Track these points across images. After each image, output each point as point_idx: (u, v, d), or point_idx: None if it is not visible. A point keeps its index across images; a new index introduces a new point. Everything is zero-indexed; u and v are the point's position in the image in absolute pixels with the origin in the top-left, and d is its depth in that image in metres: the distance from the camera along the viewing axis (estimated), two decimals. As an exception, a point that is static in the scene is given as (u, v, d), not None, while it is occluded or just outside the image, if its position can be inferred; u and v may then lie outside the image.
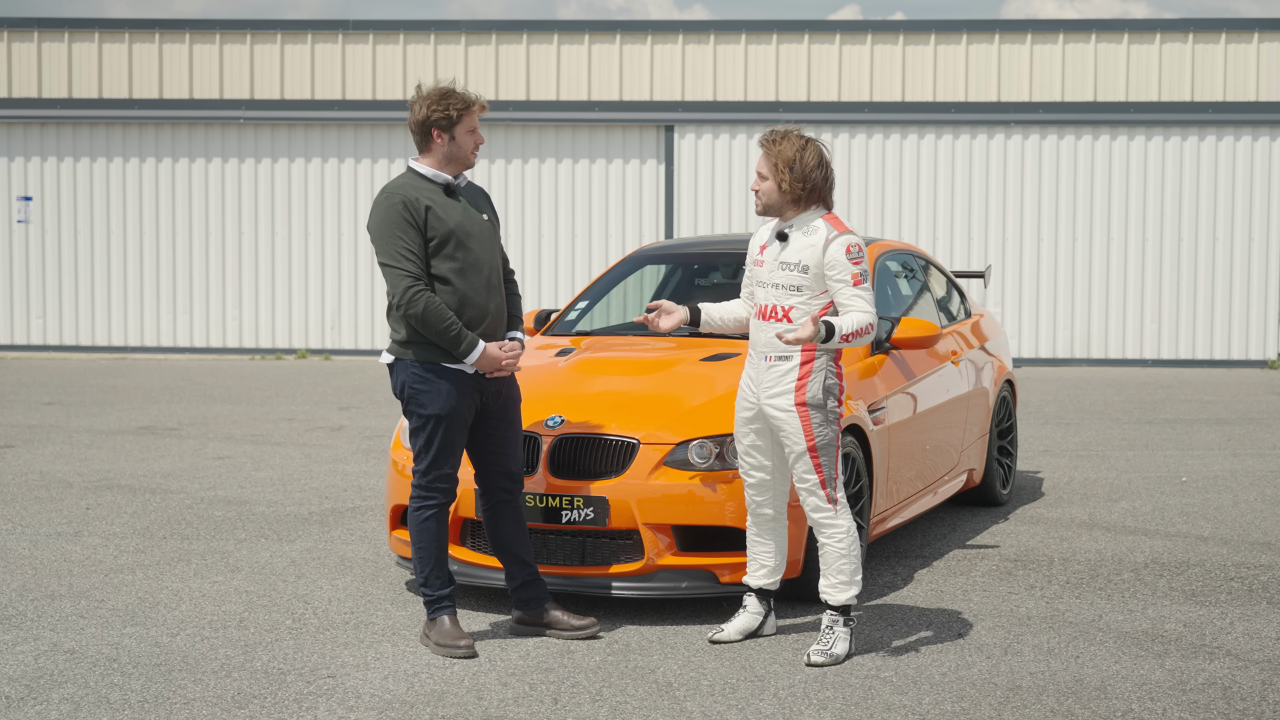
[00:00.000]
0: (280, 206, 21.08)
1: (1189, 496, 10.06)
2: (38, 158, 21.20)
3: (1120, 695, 5.88)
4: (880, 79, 20.50)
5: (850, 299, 6.35)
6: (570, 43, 20.75)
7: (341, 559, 8.21)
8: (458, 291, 6.43)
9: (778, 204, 6.48)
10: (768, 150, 6.46)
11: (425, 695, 5.88)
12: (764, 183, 6.48)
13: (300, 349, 21.09)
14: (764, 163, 6.48)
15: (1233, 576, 7.80)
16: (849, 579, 6.43)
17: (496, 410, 6.61)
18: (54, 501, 9.85)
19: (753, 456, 6.60)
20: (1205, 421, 14.11)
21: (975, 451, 9.37)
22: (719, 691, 5.93)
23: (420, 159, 6.56)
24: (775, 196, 6.47)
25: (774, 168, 6.43)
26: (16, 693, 5.90)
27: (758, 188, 6.50)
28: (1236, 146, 20.21)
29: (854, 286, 6.34)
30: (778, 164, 6.41)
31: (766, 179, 6.47)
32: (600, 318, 9.08)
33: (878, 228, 20.44)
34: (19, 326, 21.27)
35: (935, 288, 9.69)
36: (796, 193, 6.42)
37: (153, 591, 7.48)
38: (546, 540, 7.01)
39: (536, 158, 20.89)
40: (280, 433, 13.21)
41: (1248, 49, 20.17)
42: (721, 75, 20.63)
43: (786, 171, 6.40)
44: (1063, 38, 20.35)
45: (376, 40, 20.87)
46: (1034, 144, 20.42)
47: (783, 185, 6.42)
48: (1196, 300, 20.31)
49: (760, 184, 6.49)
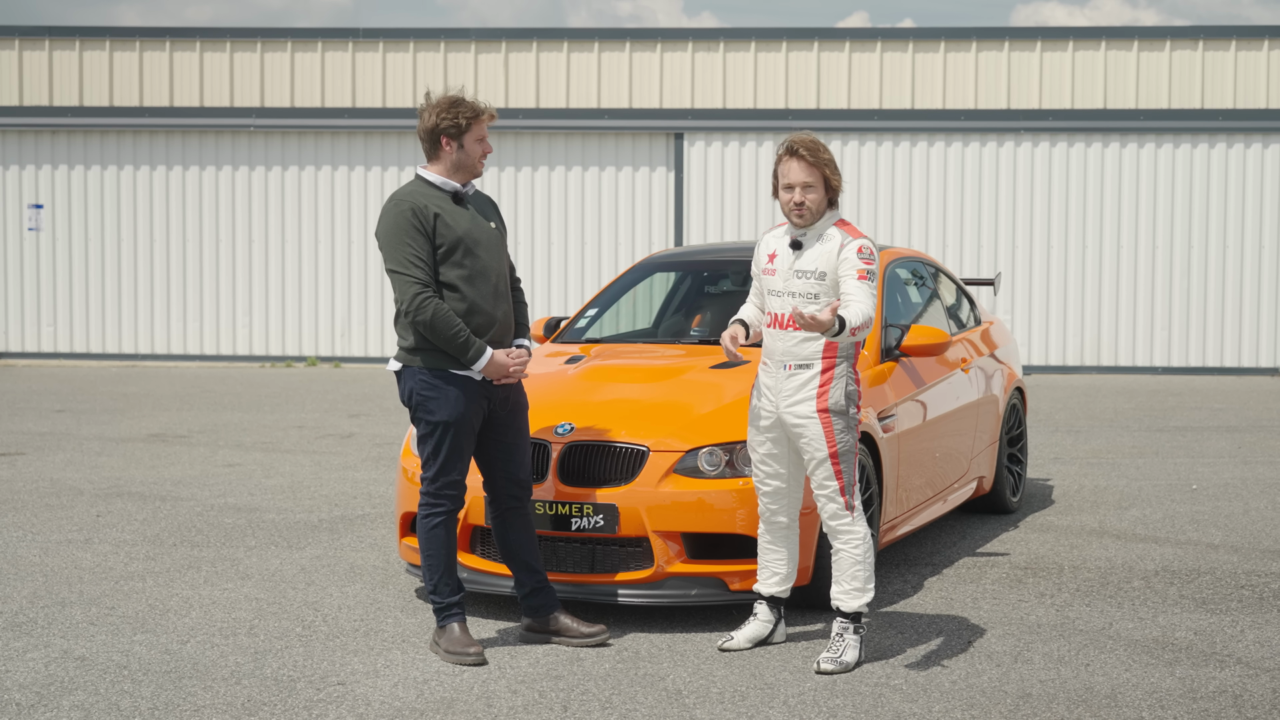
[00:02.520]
0: (290, 214, 21.12)
1: (1199, 504, 10.04)
2: (49, 166, 21.25)
3: (1131, 703, 5.87)
4: (890, 86, 20.50)
5: (854, 288, 6.30)
6: (580, 51, 20.77)
7: (351, 566, 8.21)
8: (466, 299, 6.44)
9: (820, 211, 6.44)
10: (812, 159, 6.35)
11: (435, 703, 5.88)
12: (811, 193, 6.39)
13: (310, 356, 21.12)
14: (807, 172, 6.37)
15: (1243, 584, 7.78)
16: (862, 586, 6.42)
17: (504, 417, 6.62)
18: (64, 509, 9.87)
19: (769, 465, 6.58)
20: (1216, 429, 14.09)
21: (985, 459, 9.35)
22: (728, 699, 5.93)
23: (429, 167, 6.57)
24: (824, 204, 6.43)
25: (822, 175, 6.37)
26: (27, 699, 5.91)
27: (805, 199, 6.39)
28: (1247, 154, 20.19)
29: (858, 280, 6.31)
30: (827, 169, 6.37)
31: (813, 189, 6.39)
32: (610, 325, 9.08)
33: (887, 235, 20.43)
34: (30, 334, 21.32)
35: (945, 295, 9.69)
36: (838, 192, 6.43)
37: (163, 599, 7.49)
38: (556, 547, 7.01)
39: (546, 165, 20.91)
40: (290, 440, 13.22)
41: (1258, 56, 20.16)
42: (731, 83, 20.65)
43: (834, 173, 6.39)
44: (1072, 45, 20.34)
45: (387, 48, 20.90)
46: (1043, 151, 20.40)
47: (832, 183, 6.40)
48: (1207, 308, 20.28)
49: (806, 194, 6.39)
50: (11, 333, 21.33)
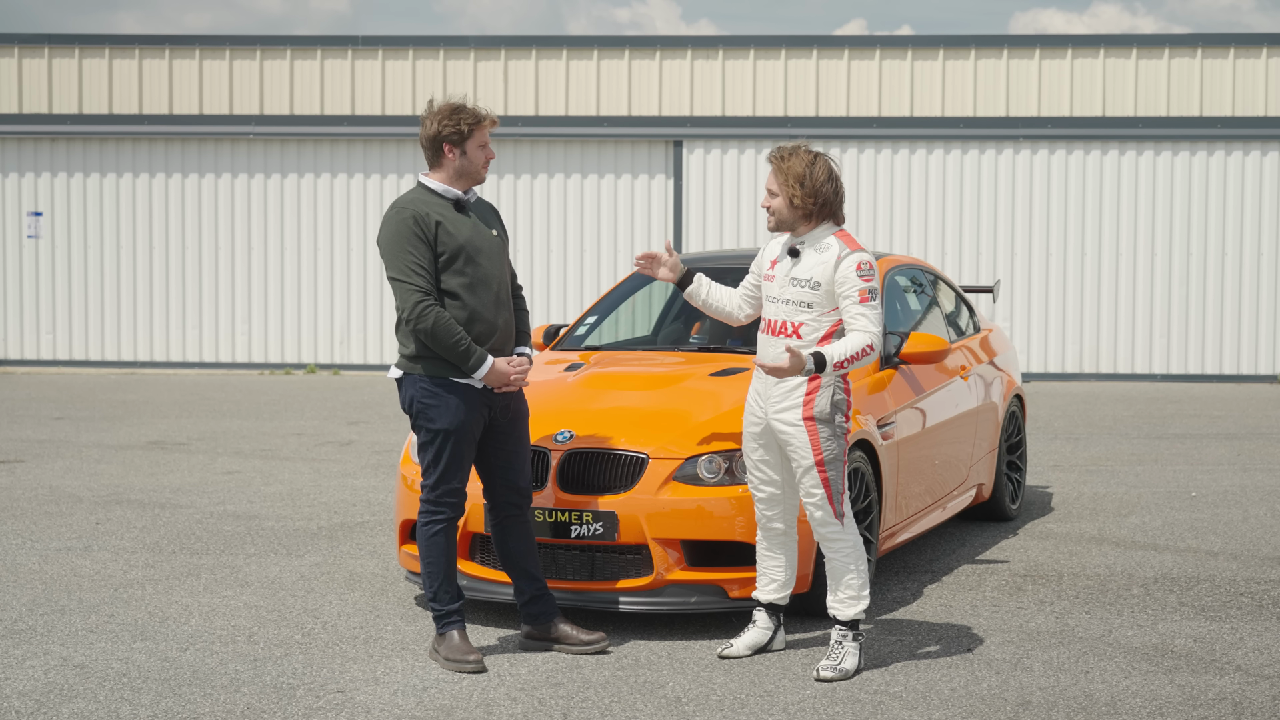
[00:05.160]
0: (289, 221, 21.12)
1: (1198, 511, 10.04)
2: (48, 173, 21.26)
3: (1130, 711, 5.87)
4: (889, 94, 20.52)
5: (855, 317, 6.35)
6: (579, 58, 20.79)
7: (351, 574, 8.21)
8: (467, 306, 6.44)
9: (789, 220, 6.49)
10: (777, 167, 6.47)
11: (434, 710, 5.88)
12: (774, 199, 6.49)
13: (309, 364, 21.12)
14: (774, 179, 6.48)
15: (1243, 591, 7.79)
16: (857, 594, 6.43)
17: (505, 425, 6.62)
18: (64, 516, 9.87)
19: (761, 471, 6.60)
20: (1214, 436, 14.09)
21: (984, 466, 9.36)
22: (728, 707, 5.93)
23: (431, 174, 6.57)
24: (787, 213, 6.47)
25: (784, 184, 6.43)
26: (27, 707, 5.90)
27: (769, 204, 6.50)
28: (1245, 161, 20.21)
29: (860, 304, 6.33)
30: (788, 180, 6.42)
31: (777, 195, 6.48)
32: (609, 333, 9.08)
33: (886, 242, 20.44)
34: (29, 341, 21.31)
35: (944, 302, 9.69)
36: (808, 208, 6.43)
37: (162, 606, 7.48)
38: (555, 555, 7.01)
39: (545, 173, 20.92)
40: (289, 448, 13.22)
41: (1256, 64, 20.18)
42: (730, 90, 20.66)
43: (797, 187, 6.41)
44: (1071, 53, 20.36)
45: (386, 56, 20.92)
46: (1042, 159, 20.42)
47: (794, 201, 6.43)
48: (1205, 315, 20.29)
49: (771, 201, 6.49)
50: (10, 340, 21.33)
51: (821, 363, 6.27)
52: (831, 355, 6.27)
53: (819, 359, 6.27)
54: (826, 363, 6.27)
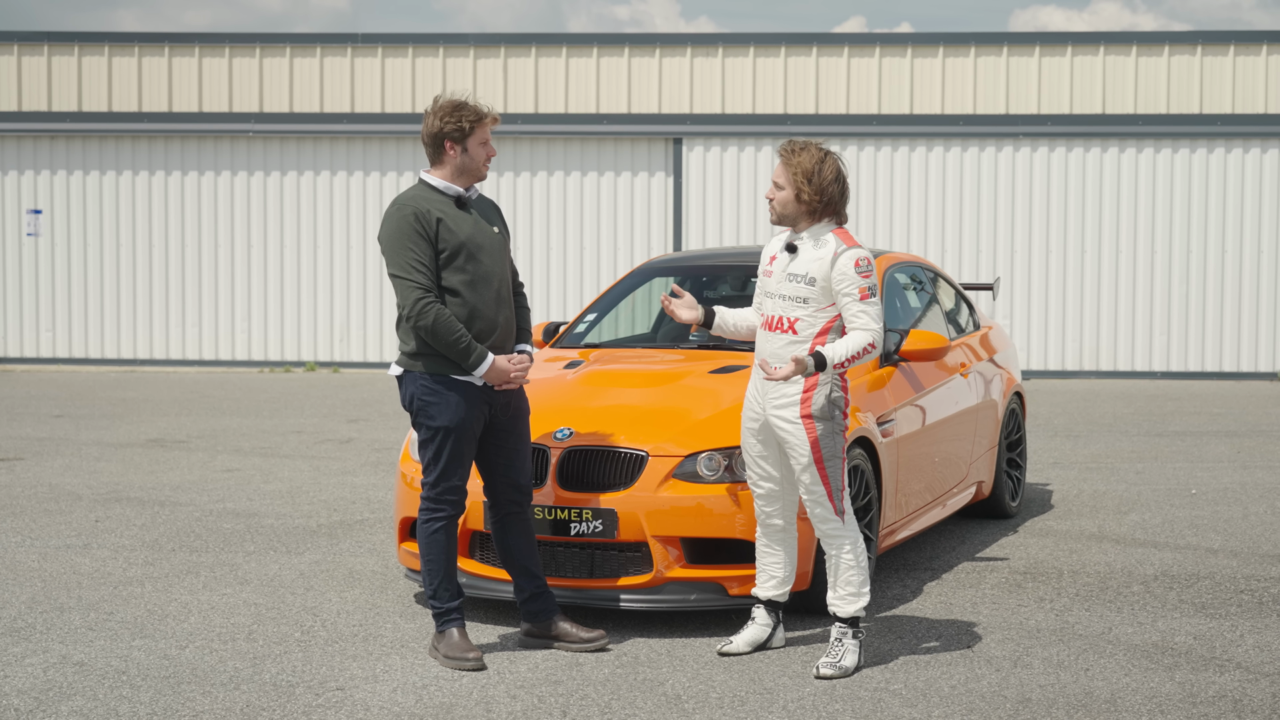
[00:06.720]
0: (289, 219, 21.12)
1: (1198, 509, 10.04)
2: (47, 171, 21.25)
3: (1130, 708, 5.87)
4: (888, 91, 20.51)
5: (855, 314, 6.35)
6: (579, 56, 20.79)
7: (350, 571, 8.21)
8: (467, 304, 6.44)
9: (792, 214, 6.48)
10: (786, 160, 6.46)
11: (434, 708, 5.88)
12: (780, 192, 6.48)
13: (309, 362, 21.11)
14: (782, 172, 6.47)
15: (1243, 589, 7.79)
16: (857, 591, 6.43)
17: (505, 423, 6.61)
18: (63, 514, 9.87)
19: (760, 467, 6.60)
20: (1214, 434, 14.09)
21: (984, 464, 9.36)
22: (728, 704, 5.93)
23: (432, 171, 6.57)
24: (791, 207, 6.46)
25: (792, 178, 6.42)
26: (26, 705, 5.90)
27: (773, 196, 6.49)
28: (1245, 158, 20.20)
29: (860, 301, 6.33)
30: (796, 175, 6.41)
31: (783, 189, 6.47)
32: (609, 330, 9.08)
33: (886, 239, 20.44)
34: (29, 339, 21.31)
35: (944, 300, 9.69)
36: (813, 205, 6.43)
37: (161, 604, 7.48)
38: (555, 552, 7.01)
39: (545, 170, 20.91)
40: (289, 445, 13.22)
41: (1256, 61, 20.17)
42: (730, 88, 20.66)
43: (805, 183, 6.40)
44: (1071, 50, 20.35)
45: (385, 54, 20.91)
46: (1042, 156, 20.42)
47: (801, 196, 6.42)
48: (1205, 312, 20.29)
49: (776, 193, 6.48)
50: (10, 338, 21.33)
51: (822, 363, 6.27)
52: (833, 355, 6.28)
53: (819, 359, 6.27)
54: (827, 363, 6.27)
